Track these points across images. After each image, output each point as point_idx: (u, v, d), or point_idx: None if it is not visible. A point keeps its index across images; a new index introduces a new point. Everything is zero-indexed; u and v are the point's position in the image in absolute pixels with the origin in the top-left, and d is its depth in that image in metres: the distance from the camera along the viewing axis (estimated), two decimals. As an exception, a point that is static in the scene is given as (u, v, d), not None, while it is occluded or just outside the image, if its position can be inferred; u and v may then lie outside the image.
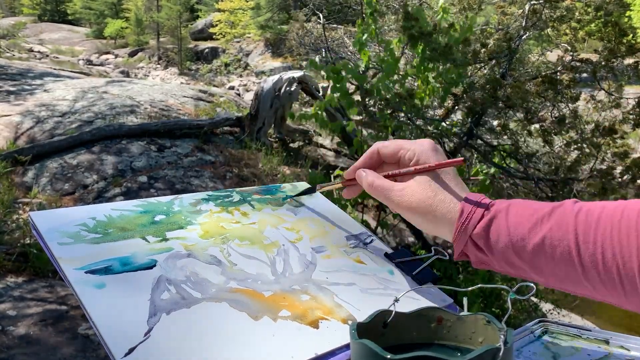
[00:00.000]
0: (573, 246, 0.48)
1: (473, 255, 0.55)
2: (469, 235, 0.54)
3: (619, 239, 0.46)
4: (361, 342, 0.39)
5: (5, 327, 2.68)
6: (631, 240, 0.45)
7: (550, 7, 4.33)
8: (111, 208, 0.62)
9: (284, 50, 20.11)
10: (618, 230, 0.46)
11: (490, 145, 4.44)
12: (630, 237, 0.45)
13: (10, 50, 21.61)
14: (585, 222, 0.48)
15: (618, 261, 0.45)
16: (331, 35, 8.73)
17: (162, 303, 0.48)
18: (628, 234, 0.45)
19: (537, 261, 0.51)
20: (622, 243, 0.45)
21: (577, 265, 0.48)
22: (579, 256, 0.48)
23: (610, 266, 0.46)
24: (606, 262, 0.46)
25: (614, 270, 0.46)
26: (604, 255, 0.46)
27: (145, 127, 5.72)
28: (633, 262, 0.44)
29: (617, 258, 0.46)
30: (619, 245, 0.45)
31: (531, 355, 0.58)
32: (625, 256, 0.45)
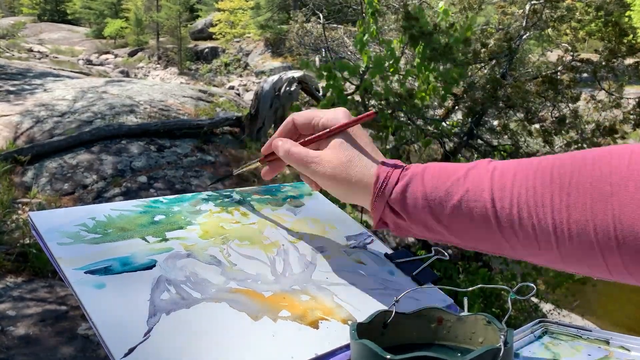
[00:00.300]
0: (489, 206, 0.47)
1: (391, 222, 0.54)
2: (386, 200, 0.53)
3: (534, 197, 0.45)
4: (361, 342, 0.39)
5: (5, 327, 2.68)
6: (545, 200, 0.45)
7: (550, 7, 4.34)
8: (111, 208, 0.62)
9: (284, 50, 20.11)
10: (533, 189, 0.46)
11: (491, 145, 4.44)
12: (544, 197, 0.45)
13: (9, 50, 21.61)
14: (500, 181, 0.48)
15: (533, 220, 0.45)
16: (331, 35, 8.73)
17: (162, 303, 0.48)
18: (542, 194, 0.45)
19: (455, 223, 0.50)
20: (537, 202, 0.45)
21: (495, 225, 0.47)
22: (496, 216, 0.47)
23: (526, 225, 0.46)
24: (522, 221, 0.46)
25: (529, 230, 0.45)
26: (520, 215, 0.46)
27: (144, 127, 5.73)
28: (548, 221, 0.44)
29: (532, 217, 0.45)
30: (534, 205, 0.45)
31: (531, 355, 0.58)
32: (540, 215, 0.45)
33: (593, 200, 0.42)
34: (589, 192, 0.42)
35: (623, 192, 0.40)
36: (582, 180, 0.43)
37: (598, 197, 0.42)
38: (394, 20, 5.52)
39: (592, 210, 0.42)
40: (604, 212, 0.41)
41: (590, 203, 0.42)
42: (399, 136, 4.25)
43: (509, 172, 0.48)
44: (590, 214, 0.42)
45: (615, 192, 0.41)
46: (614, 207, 0.40)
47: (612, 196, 0.41)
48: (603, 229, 0.41)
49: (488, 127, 4.53)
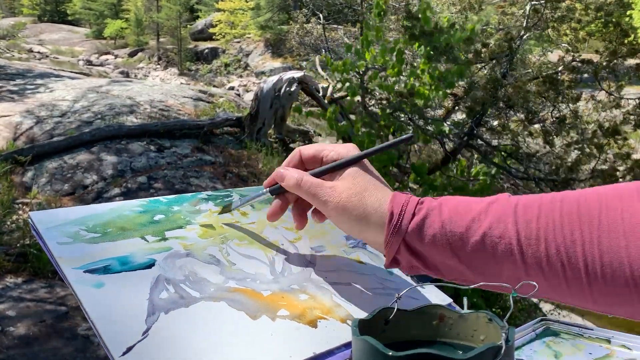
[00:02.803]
0: (515, 243, 0.45)
1: (405, 259, 0.51)
2: (402, 237, 0.50)
3: (563, 235, 0.44)
4: (363, 338, 0.39)
5: (5, 327, 2.68)
6: (575, 236, 0.43)
7: (550, 8, 4.34)
8: (110, 208, 0.62)
9: (284, 51, 20.13)
10: (560, 225, 0.44)
11: (491, 145, 4.44)
12: (574, 234, 0.43)
13: (10, 50, 21.62)
14: (525, 216, 0.46)
15: (562, 258, 0.44)
16: (331, 35, 8.74)
17: (161, 302, 0.48)
18: (572, 231, 0.43)
19: (477, 260, 0.48)
20: (565, 239, 0.44)
21: (520, 262, 0.46)
22: (522, 253, 0.45)
23: (554, 262, 0.44)
24: (550, 258, 0.44)
25: (558, 267, 0.44)
26: (548, 252, 0.44)
27: (145, 128, 5.73)
28: (578, 259, 0.43)
29: (561, 254, 0.44)
30: (563, 242, 0.44)
31: (532, 353, 0.58)
32: (570, 252, 0.43)
33: (627, 239, 0.40)
34: (621, 229, 0.41)
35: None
36: (611, 215, 0.42)
37: (631, 235, 0.40)
38: (394, 20, 5.52)
39: (627, 248, 0.40)
40: None
41: (625, 242, 0.41)
42: (399, 136, 4.25)
43: (533, 206, 0.46)
44: (625, 252, 0.40)
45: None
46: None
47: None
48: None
49: (488, 127, 4.53)
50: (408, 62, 4.77)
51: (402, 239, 0.50)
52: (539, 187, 4.24)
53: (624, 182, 0.46)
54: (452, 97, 4.81)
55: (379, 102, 4.35)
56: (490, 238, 0.46)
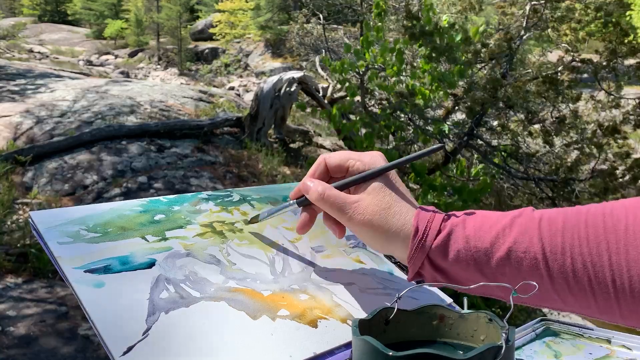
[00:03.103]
0: (540, 257, 0.45)
1: (429, 275, 0.51)
2: (426, 253, 0.50)
3: (589, 248, 0.43)
4: (363, 338, 0.39)
5: (5, 327, 2.68)
6: (601, 249, 0.43)
7: (550, 8, 4.34)
8: (110, 207, 0.62)
9: (284, 51, 20.13)
10: (586, 238, 0.44)
11: (491, 145, 4.44)
12: (600, 247, 0.43)
13: (10, 50, 21.62)
14: (549, 230, 0.46)
15: (589, 271, 0.43)
16: (331, 36, 8.74)
17: (161, 302, 0.48)
18: (598, 244, 0.43)
19: (502, 275, 0.47)
20: (592, 252, 0.43)
21: (546, 277, 0.45)
22: (547, 267, 0.45)
23: (581, 276, 0.43)
24: (577, 272, 0.44)
25: (585, 281, 0.43)
26: (574, 265, 0.44)
27: (145, 128, 5.73)
28: (605, 272, 0.42)
29: (587, 268, 0.43)
30: (589, 255, 0.43)
31: (532, 353, 0.58)
32: (597, 266, 0.43)
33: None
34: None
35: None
36: (638, 226, 0.41)
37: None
38: (394, 21, 5.53)
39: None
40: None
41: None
42: (399, 136, 4.25)
43: (557, 219, 0.46)
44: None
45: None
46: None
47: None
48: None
49: (488, 127, 4.53)
50: (408, 62, 4.77)
51: (425, 255, 0.50)
52: (539, 187, 4.24)
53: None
54: (452, 97, 4.81)
55: (379, 102, 4.35)
56: (516, 253, 0.46)
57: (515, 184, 4.66)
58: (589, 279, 0.43)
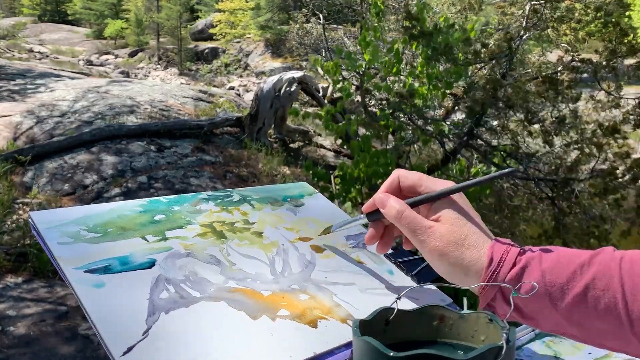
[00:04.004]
0: (620, 297, 0.44)
1: (500, 309, 0.49)
2: (499, 286, 0.48)
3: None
4: (364, 339, 0.39)
5: (5, 327, 2.68)
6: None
7: (550, 8, 4.34)
8: (110, 208, 0.62)
9: (284, 51, 20.12)
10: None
11: (490, 145, 4.44)
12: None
13: (10, 50, 21.61)
14: (631, 270, 0.44)
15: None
16: (331, 35, 8.73)
17: (161, 302, 0.48)
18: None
19: (578, 314, 0.46)
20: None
21: (624, 317, 0.43)
22: (626, 308, 0.43)
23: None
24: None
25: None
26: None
27: (145, 128, 5.72)
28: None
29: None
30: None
31: (532, 353, 0.58)
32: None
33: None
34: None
35: None
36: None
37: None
38: (393, 21, 5.52)
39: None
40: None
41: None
42: (399, 136, 4.25)
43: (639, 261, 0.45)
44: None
45: None
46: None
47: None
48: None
49: (488, 127, 4.53)
50: (408, 62, 4.77)
51: (498, 287, 0.49)
52: (539, 187, 4.24)
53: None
54: (452, 97, 4.81)
55: (378, 103, 4.35)
56: (593, 291, 0.45)
57: (515, 184, 4.66)
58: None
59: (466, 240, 0.51)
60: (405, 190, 0.58)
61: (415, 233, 0.53)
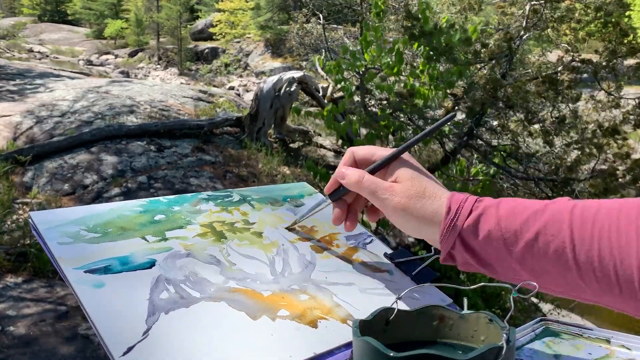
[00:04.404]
0: (568, 242, 0.45)
1: (460, 256, 0.52)
2: (458, 232, 0.51)
3: (617, 236, 0.43)
4: (364, 339, 0.39)
5: (5, 327, 2.68)
6: (630, 237, 0.42)
7: (550, 8, 4.34)
8: (110, 208, 0.62)
9: (284, 51, 20.13)
10: (617, 227, 0.44)
11: (490, 145, 4.44)
12: (629, 235, 0.43)
13: (10, 50, 21.62)
14: (581, 218, 0.46)
15: (615, 259, 0.43)
16: (331, 35, 8.74)
17: (161, 302, 0.48)
18: (627, 232, 0.43)
19: (530, 258, 0.48)
20: (620, 240, 0.43)
21: (572, 262, 0.45)
22: (574, 252, 0.45)
23: (607, 264, 0.43)
24: (602, 259, 0.43)
25: (610, 268, 0.43)
26: (601, 253, 0.44)
27: (145, 128, 5.73)
28: (632, 260, 0.42)
29: (614, 255, 0.43)
30: (617, 243, 0.43)
31: (532, 353, 0.58)
32: (624, 254, 0.42)
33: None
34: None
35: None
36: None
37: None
38: (393, 21, 5.53)
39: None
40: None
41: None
42: (399, 136, 4.26)
43: (591, 208, 0.46)
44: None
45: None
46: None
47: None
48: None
49: (488, 127, 4.53)
50: (408, 62, 4.77)
51: (457, 234, 0.51)
52: (539, 187, 4.24)
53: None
54: (452, 97, 4.81)
55: (379, 102, 4.35)
56: (544, 236, 0.47)
57: (515, 184, 4.66)
58: (615, 267, 0.43)
59: (426, 192, 0.54)
60: (360, 163, 0.60)
61: (377, 194, 0.56)
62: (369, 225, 4.27)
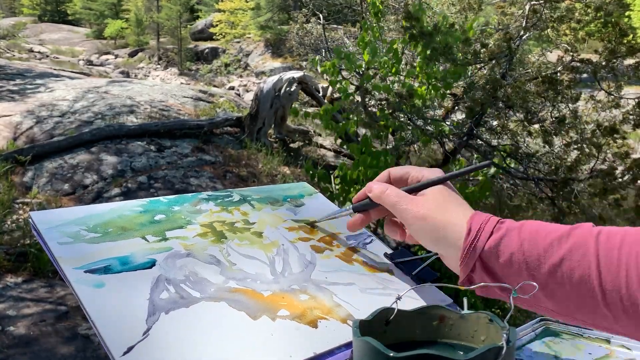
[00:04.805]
0: (594, 269, 0.44)
1: (479, 279, 0.50)
2: (478, 254, 0.49)
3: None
4: (364, 339, 0.39)
5: (5, 327, 2.68)
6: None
7: (550, 8, 4.33)
8: (111, 208, 0.62)
9: (284, 51, 20.13)
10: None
11: (490, 145, 4.44)
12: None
13: (10, 50, 21.61)
14: (607, 244, 0.45)
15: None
16: (331, 35, 8.73)
17: (161, 302, 0.48)
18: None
19: (553, 284, 0.46)
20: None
21: (597, 290, 0.44)
22: (600, 279, 0.44)
23: (634, 290, 0.42)
24: (630, 286, 0.42)
25: (638, 296, 0.42)
26: (628, 279, 0.42)
27: (145, 128, 5.72)
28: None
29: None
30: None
31: (532, 353, 0.58)
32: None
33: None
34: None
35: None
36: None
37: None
38: (393, 21, 5.52)
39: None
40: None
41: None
42: (399, 136, 4.25)
43: (617, 234, 0.45)
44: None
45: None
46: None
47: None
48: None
49: (488, 127, 4.53)
50: (408, 62, 4.77)
51: (478, 256, 0.49)
52: (539, 187, 4.24)
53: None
54: (452, 97, 4.81)
55: (378, 103, 4.35)
56: (569, 262, 0.46)
57: (515, 184, 4.66)
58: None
59: (449, 207, 0.54)
60: (395, 182, 0.61)
61: (399, 204, 0.56)
62: (369, 225, 4.26)
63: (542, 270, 0.47)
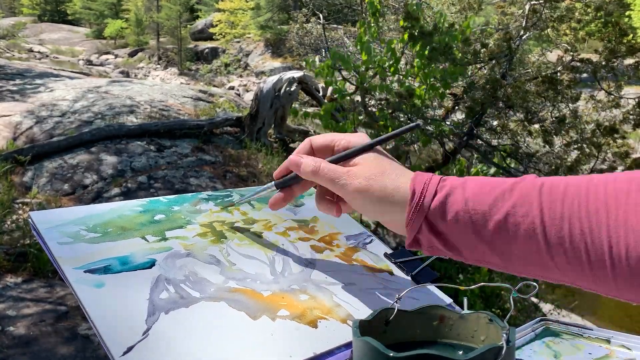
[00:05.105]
0: (538, 222, 0.44)
1: (426, 239, 0.49)
2: (425, 215, 0.48)
3: (587, 214, 0.42)
4: (364, 339, 0.39)
5: (5, 327, 2.68)
6: (600, 216, 0.41)
7: (550, 7, 4.33)
8: (110, 207, 0.62)
9: (284, 51, 20.14)
10: (586, 205, 0.42)
11: (490, 145, 4.44)
12: (599, 213, 0.41)
13: (10, 50, 21.62)
14: (550, 196, 0.44)
15: (586, 238, 0.42)
16: (331, 35, 8.74)
17: (161, 302, 0.48)
18: (597, 210, 0.42)
19: (499, 240, 0.46)
20: (590, 219, 0.42)
21: (543, 243, 0.44)
22: (545, 233, 0.43)
23: (578, 243, 0.42)
24: (574, 239, 0.42)
25: (581, 248, 0.42)
26: (572, 232, 0.42)
27: (145, 127, 5.73)
28: (602, 239, 0.41)
29: (585, 234, 0.42)
30: (588, 221, 0.42)
31: (532, 353, 0.58)
32: (594, 232, 0.41)
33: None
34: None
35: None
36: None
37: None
38: (393, 21, 5.53)
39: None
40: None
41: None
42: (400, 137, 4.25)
43: (559, 186, 0.45)
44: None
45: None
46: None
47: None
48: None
49: (488, 127, 4.53)
50: (407, 62, 4.77)
51: (424, 217, 0.48)
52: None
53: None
54: (452, 97, 4.81)
55: (378, 103, 4.35)
56: (514, 217, 0.45)
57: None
58: (586, 246, 0.42)
59: (386, 171, 0.52)
60: (318, 151, 0.58)
61: (335, 180, 0.53)
62: (369, 225, 4.27)
63: (488, 227, 0.46)
